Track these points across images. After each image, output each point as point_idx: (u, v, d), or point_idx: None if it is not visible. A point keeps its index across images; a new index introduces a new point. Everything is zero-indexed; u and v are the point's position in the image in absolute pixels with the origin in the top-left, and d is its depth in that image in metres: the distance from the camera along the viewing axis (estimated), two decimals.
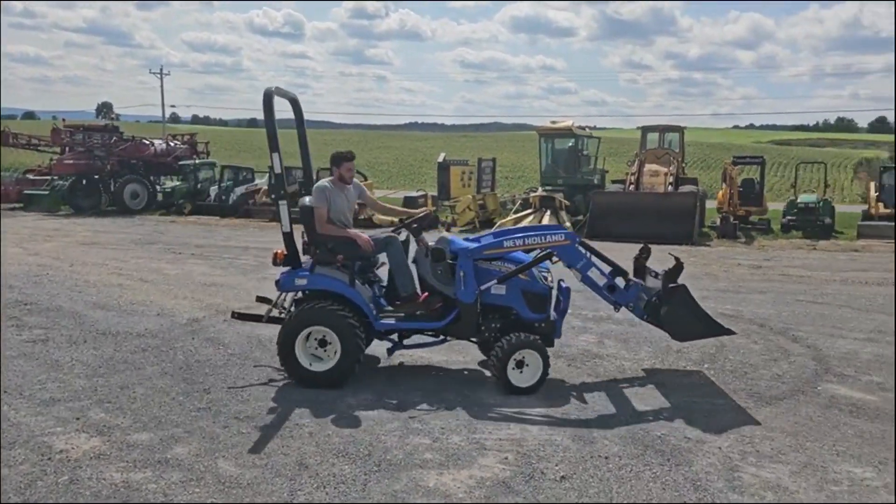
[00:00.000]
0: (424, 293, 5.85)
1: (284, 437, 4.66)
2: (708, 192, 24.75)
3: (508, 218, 18.68)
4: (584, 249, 5.94)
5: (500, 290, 5.69)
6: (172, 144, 28.37)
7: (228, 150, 69.21)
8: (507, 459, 4.33)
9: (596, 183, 22.78)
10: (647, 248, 6.47)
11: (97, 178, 25.06)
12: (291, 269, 5.75)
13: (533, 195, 19.12)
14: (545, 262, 5.85)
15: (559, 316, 5.91)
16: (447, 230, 21.32)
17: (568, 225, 17.32)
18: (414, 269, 5.97)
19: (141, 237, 17.23)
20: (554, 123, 23.76)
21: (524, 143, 65.33)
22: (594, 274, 5.93)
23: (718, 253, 15.19)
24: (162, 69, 54.12)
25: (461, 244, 5.83)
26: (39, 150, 28.57)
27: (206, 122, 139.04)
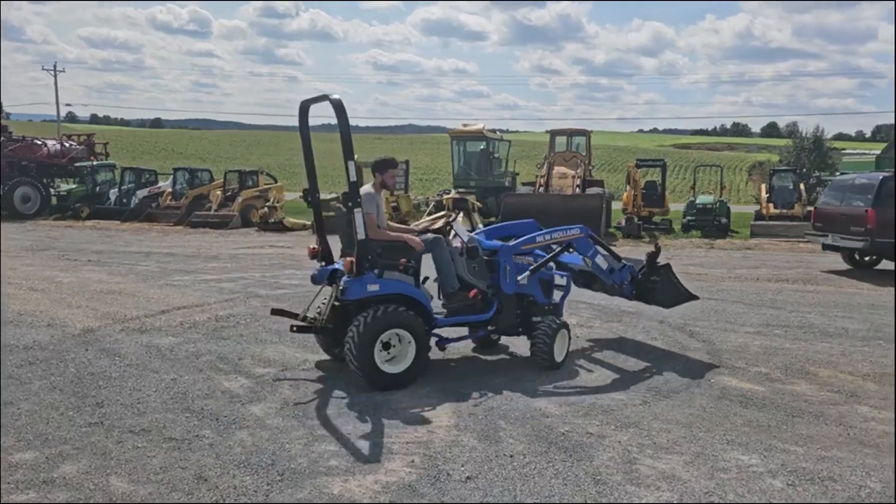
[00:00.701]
0: (472, 289, 6.18)
1: (183, 449, 4.48)
2: (614, 193, 25.63)
3: (422, 220, 18.73)
4: (591, 241, 6.93)
5: (524, 279, 6.34)
6: (68, 145, 27.01)
7: (130, 151, 66.38)
8: (413, 462, 4.32)
9: (507, 185, 23.19)
10: (658, 246, 7.52)
11: None
12: (355, 275, 5.59)
13: (446, 197, 19.28)
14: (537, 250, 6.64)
15: (561, 299, 6.80)
16: None
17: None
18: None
19: (32, 243, 16.27)
20: (466, 126, 24.03)
21: (438, 145, 65.76)
22: (599, 260, 6.93)
23: (623, 252, 15.63)
24: (56, 66, 51.19)
25: (494, 242, 6.56)
26: None
27: (106, 121, 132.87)
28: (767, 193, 22.31)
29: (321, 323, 6.03)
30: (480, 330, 6.49)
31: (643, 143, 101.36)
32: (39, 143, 25.47)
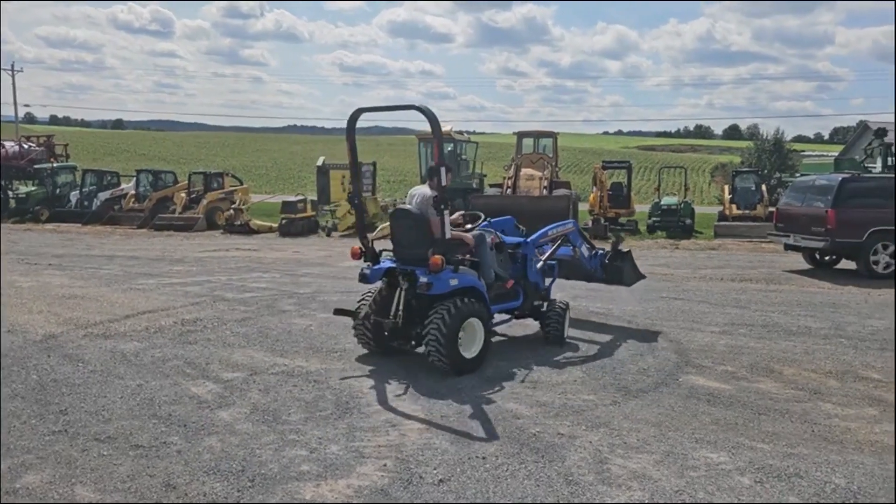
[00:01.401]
0: (509, 280, 6.99)
1: (150, 457, 4.40)
2: (580, 194, 25.87)
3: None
4: (579, 233, 8.10)
5: (541, 268, 7.41)
6: (27, 146, 26.37)
7: (91, 152, 65.13)
8: (385, 466, 4.30)
9: (475, 187, 23.24)
10: (619, 237, 8.88)
11: None
12: (437, 272, 5.98)
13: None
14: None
15: (549, 284, 7.72)
16: (328, 235, 21.04)
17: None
18: None
19: None
20: None
21: (405, 147, 65.66)
22: (584, 249, 8.10)
23: None
24: (13, 65, 49.91)
25: (514, 238, 7.44)
26: None
27: (66, 122, 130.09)
28: (730, 194, 22.74)
29: (399, 320, 6.26)
30: (507, 315, 7.35)
31: (608, 144, 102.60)
32: None
